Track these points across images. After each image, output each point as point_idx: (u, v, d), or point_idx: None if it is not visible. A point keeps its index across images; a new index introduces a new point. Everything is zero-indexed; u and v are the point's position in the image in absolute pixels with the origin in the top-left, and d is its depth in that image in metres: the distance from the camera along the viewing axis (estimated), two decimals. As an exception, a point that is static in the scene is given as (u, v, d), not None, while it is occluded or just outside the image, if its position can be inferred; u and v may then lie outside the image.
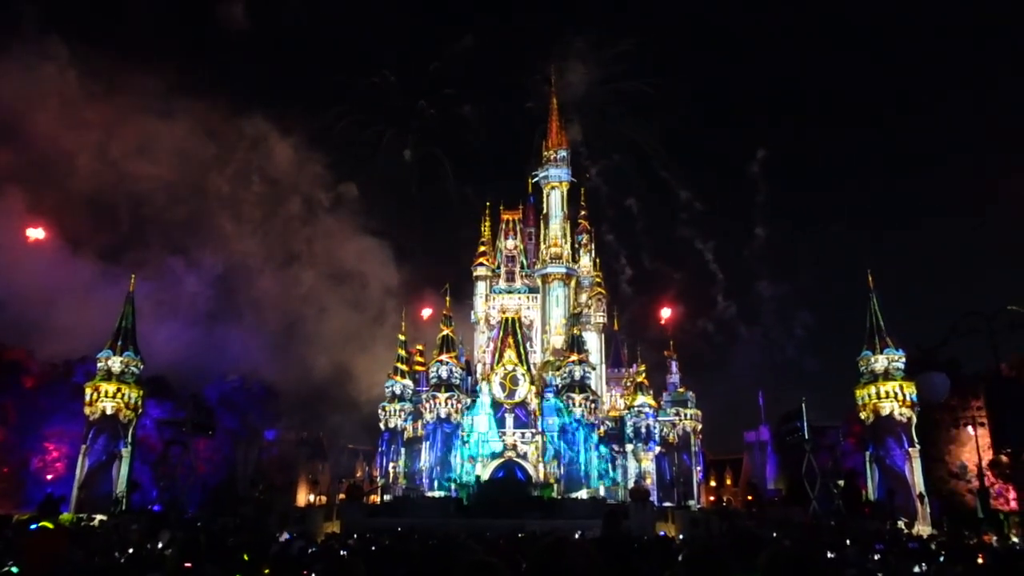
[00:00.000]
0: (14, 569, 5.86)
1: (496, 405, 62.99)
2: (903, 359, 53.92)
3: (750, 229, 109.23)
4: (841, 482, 52.15)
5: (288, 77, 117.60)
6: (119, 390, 52.48)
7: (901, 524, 43.52)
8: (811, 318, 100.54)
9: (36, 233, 69.43)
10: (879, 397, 53.42)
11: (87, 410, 51.90)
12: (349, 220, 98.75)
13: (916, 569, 10.47)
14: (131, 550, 13.02)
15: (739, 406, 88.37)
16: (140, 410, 54.17)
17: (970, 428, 53.05)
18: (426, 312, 79.15)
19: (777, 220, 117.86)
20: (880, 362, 54.17)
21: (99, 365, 53.68)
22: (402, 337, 68.51)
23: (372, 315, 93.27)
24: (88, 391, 52.38)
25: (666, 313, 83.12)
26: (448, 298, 68.54)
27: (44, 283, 68.56)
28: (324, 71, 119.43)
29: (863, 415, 54.61)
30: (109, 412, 51.80)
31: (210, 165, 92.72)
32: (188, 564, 5.53)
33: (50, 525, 6.54)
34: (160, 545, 16.01)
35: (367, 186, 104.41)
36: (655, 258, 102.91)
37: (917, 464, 51.49)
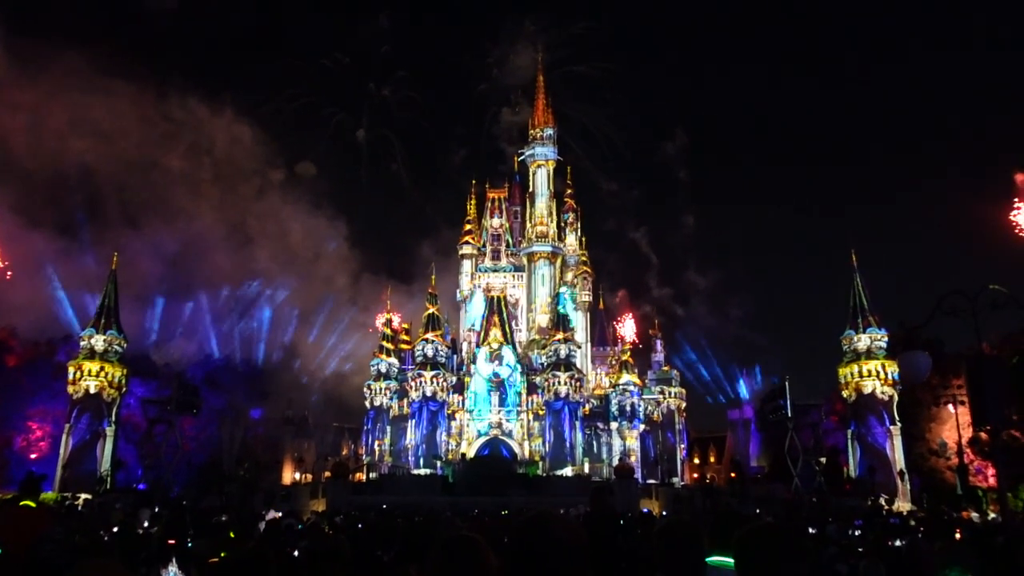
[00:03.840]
0: (-4, 548, 5.84)
1: (482, 383, 63.29)
2: (886, 338, 54.40)
3: (681, 213, 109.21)
4: (823, 459, 52.71)
5: (236, 59, 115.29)
6: (102, 368, 52.17)
7: (882, 501, 44.07)
8: (786, 298, 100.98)
9: None
10: (861, 375, 53.92)
11: (70, 389, 51.56)
12: (302, 200, 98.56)
13: (895, 544, 10.61)
14: (115, 529, 13.01)
15: (717, 385, 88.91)
16: (124, 389, 53.89)
17: (951, 406, 53.60)
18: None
19: (714, 203, 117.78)
20: (863, 341, 54.62)
21: (82, 344, 53.30)
22: (387, 316, 68.58)
23: (327, 294, 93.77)
24: (71, 370, 52.01)
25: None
26: (433, 276, 68.67)
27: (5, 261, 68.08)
28: (274, 53, 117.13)
29: (845, 393, 55.14)
30: (93, 391, 51.51)
31: (161, 144, 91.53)
32: (172, 541, 5.58)
33: (32, 504, 6.50)
34: (146, 524, 16.00)
35: (320, 168, 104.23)
36: (595, 242, 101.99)
37: (898, 442, 52.12)
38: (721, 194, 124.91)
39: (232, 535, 9.56)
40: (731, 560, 3.58)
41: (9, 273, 64.21)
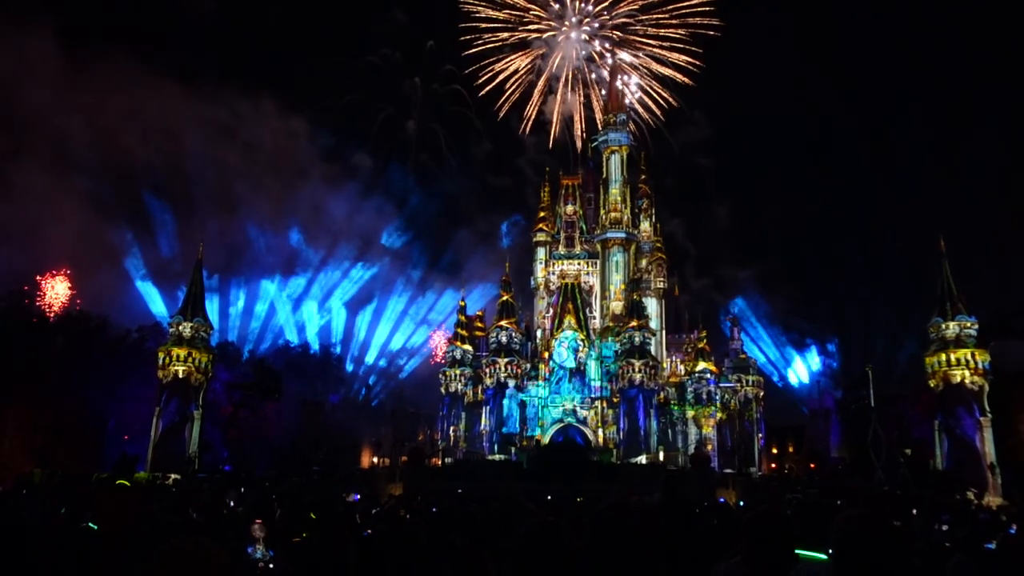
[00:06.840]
0: (92, 525, 6.13)
1: (556, 370, 63.40)
2: (976, 326, 52.16)
3: (732, 201, 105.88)
4: (908, 451, 51.04)
5: (286, 58, 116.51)
6: (190, 354, 54.16)
7: (970, 495, 42.50)
8: (864, 283, 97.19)
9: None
10: (949, 365, 51.86)
11: (160, 374, 53.73)
12: (355, 192, 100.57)
13: (988, 545, 10.20)
14: (205, 508, 13.51)
15: (784, 373, 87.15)
16: (210, 374, 55.85)
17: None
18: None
19: (783, 187, 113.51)
20: (951, 329, 52.49)
21: (171, 330, 55.53)
22: (462, 304, 69.40)
23: (390, 284, 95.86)
24: (161, 355, 54.19)
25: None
26: (507, 264, 69.30)
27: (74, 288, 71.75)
28: (322, 50, 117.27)
29: (932, 383, 53.17)
30: (181, 375, 53.54)
31: (220, 140, 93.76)
32: (259, 520, 5.80)
33: (126, 483, 6.81)
34: (231, 504, 16.59)
35: (372, 161, 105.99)
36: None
37: (988, 434, 50.04)
38: (789, 178, 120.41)
39: (313, 516, 9.82)
40: (820, 555, 3.42)
41: (79, 300, 67.76)
